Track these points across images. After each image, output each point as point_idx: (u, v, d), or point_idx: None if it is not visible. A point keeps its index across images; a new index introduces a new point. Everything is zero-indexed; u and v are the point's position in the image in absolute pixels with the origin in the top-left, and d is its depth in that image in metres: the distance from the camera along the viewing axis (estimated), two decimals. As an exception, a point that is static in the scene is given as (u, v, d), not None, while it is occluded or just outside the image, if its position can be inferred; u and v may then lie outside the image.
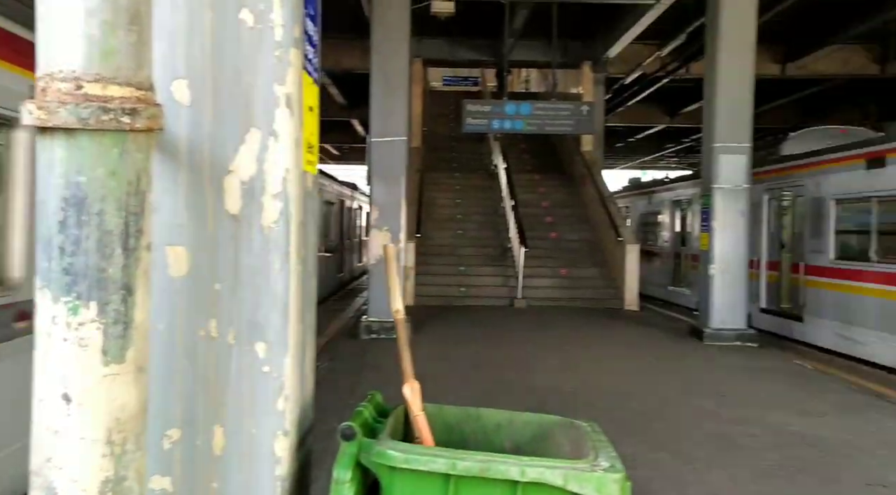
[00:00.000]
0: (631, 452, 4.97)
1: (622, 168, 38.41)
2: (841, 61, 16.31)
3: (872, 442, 5.38)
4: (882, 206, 9.32)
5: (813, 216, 10.69)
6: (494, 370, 7.81)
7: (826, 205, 10.33)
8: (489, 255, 15.02)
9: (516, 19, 14.52)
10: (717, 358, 8.84)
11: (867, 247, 9.57)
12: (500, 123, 13.55)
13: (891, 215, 9.25)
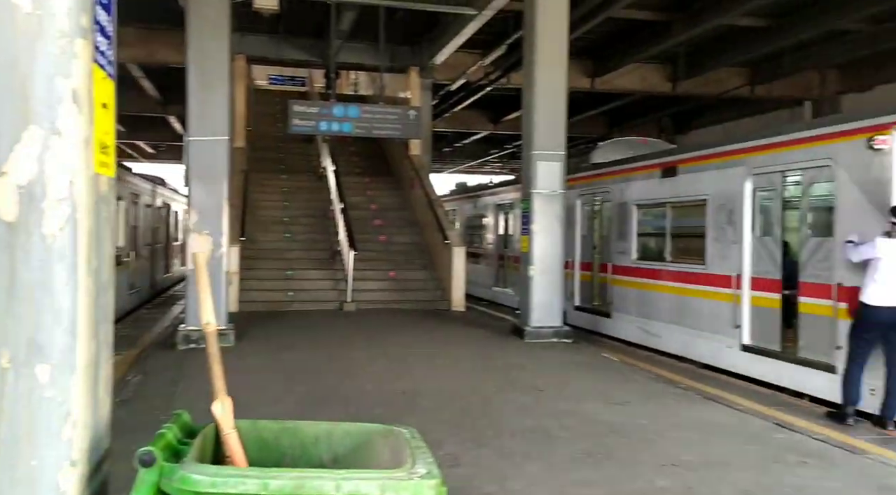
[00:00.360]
0: (455, 451, 5.09)
1: (450, 172, 39.47)
2: (640, 78, 17.90)
3: (667, 425, 5.93)
4: (675, 211, 10.26)
5: (618, 220, 11.60)
6: (321, 376, 7.68)
7: (629, 210, 11.25)
8: (318, 259, 14.77)
9: (343, 21, 14.42)
10: (536, 354, 9.32)
11: (663, 248, 10.56)
12: (328, 125, 13.38)
13: (682, 219, 10.25)
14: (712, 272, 9.10)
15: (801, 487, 4.50)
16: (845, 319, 6.65)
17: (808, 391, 7.33)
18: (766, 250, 8.17)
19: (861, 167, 6.77)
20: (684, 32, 14.30)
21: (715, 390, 7.32)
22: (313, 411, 6.11)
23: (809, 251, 7.50)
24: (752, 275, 8.32)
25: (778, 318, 7.89)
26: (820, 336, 7.21)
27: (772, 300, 7.98)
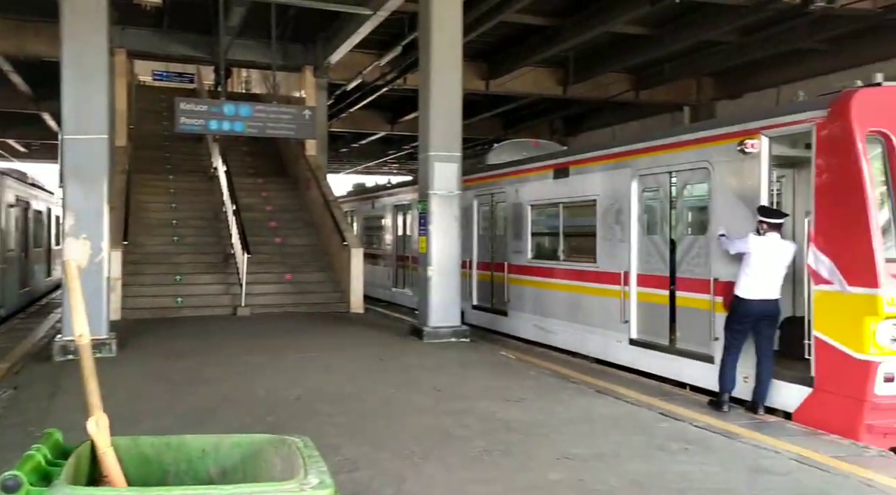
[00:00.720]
0: (353, 455, 5.04)
1: (347, 172, 39.10)
2: (533, 81, 18.37)
3: (561, 420, 6.11)
4: (567, 211, 10.52)
5: (514, 220, 11.83)
6: (212, 385, 7.40)
7: (524, 210, 11.50)
8: (209, 263, 14.24)
9: (232, 17, 13.98)
10: (434, 354, 9.38)
11: (556, 247, 10.88)
12: (219, 124, 12.92)
13: (574, 219, 10.52)
14: (602, 270, 9.37)
15: (684, 473, 4.75)
16: (722, 313, 6.98)
17: (690, 381, 7.67)
18: (652, 248, 8.48)
19: (733, 169, 7.18)
20: (573, 38, 14.81)
21: (606, 384, 7.61)
22: (202, 422, 5.87)
23: (687, 248, 7.85)
24: (638, 272, 8.64)
25: (665, 313, 8.15)
26: (699, 328, 7.57)
27: (659, 296, 8.28)
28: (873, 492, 4.44)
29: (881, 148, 5.99)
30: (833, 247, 6.10)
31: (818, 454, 5.18)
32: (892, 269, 5.76)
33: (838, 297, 6.01)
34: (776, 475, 4.74)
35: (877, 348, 5.74)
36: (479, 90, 18.42)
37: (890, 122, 6.01)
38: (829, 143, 6.16)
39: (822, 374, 6.16)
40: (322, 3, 13.16)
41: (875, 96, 6.18)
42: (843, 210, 6.07)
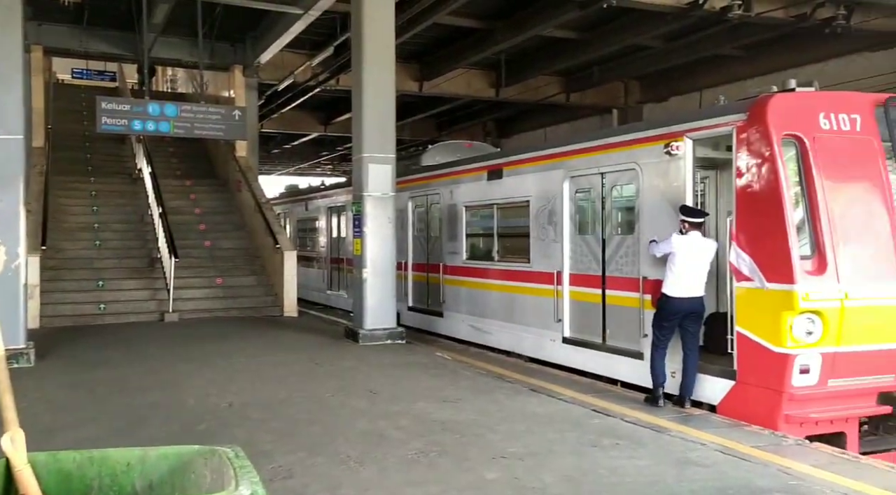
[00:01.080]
0: (287, 462, 4.96)
1: (279, 174, 38.47)
2: (466, 83, 18.52)
3: (496, 419, 6.17)
4: (501, 212, 10.61)
5: (449, 221, 11.88)
6: (139, 393, 7.15)
7: (459, 211, 11.55)
8: (134, 268, 13.76)
9: (156, 14, 13.54)
10: (370, 357, 9.32)
11: (491, 248, 10.97)
12: (143, 125, 12.46)
13: (508, 220, 10.58)
14: (536, 270, 9.48)
15: (615, 468, 4.87)
16: (650, 310, 7.20)
17: (620, 377, 7.87)
18: (584, 248, 8.63)
19: (659, 170, 7.41)
20: (505, 41, 14.99)
21: (540, 382, 7.72)
22: (128, 433, 5.67)
23: (617, 247, 8.05)
24: (571, 271, 8.79)
25: (598, 312, 8.29)
26: (629, 326, 7.76)
27: (591, 295, 8.41)
28: (790, 479, 4.65)
29: (795, 150, 6.26)
30: (753, 246, 6.33)
31: (741, 445, 5.39)
32: (806, 266, 6.04)
33: (758, 294, 6.25)
34: (702, 466, 4.91)
35: (793, 341, 5.99)
36: (412, 91, 18.43)
37: (803, 126, 6.28)
38: (748, 146, 6.41)
39: (743, 368, 6.41)
40: (251, 2, 12.90)
41: (789, 101, 6.47)
42: (761, 210, 6.30)
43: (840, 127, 6.35)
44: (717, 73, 16.60)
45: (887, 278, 6.19)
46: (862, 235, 6.30)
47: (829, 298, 5.98)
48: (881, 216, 6.32)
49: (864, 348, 6.13)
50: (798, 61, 14.81)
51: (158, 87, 26.92)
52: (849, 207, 6.26)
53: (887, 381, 6.28)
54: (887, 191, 6.34)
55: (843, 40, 13.17)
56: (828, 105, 6.45)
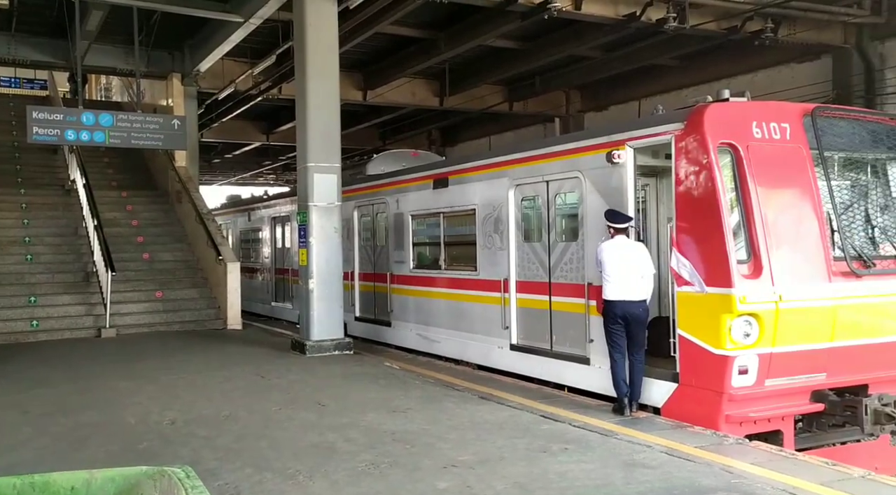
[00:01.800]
0: (234, 479, 4.85)
1: (221, 184, 37.71)
2: (410, 92, 18.55)
3: (446, 428, 6.17)
4: (448, 221, 10.61)
5: (395, 230, 11.83)
6: (77, 413, 6.89)
7: (405, 220, 11.52)
8: (68, 282, 13.27)
9: (90, 20, 13.13)
10: (317, 369, 9.20)
11: (438, 256, 10.97)
12: (77, 135, 12.06)
13: (454, 228, 10.54)
14: (483, 278, 9.53)
15: (564, 472, 4.93)
16: (596, 315, 7.35)
17: (568, 383, 7.99)
18: (531, 255, 8.70)
19: (602, 178, 7.56)
20: (449, 50, 15.08)
21: (489, 390, 7.76)
22: (66, 455, 5.45)
23: (561, 254, 8.18)
24: (518, 279, 8.87)
25: (545, 318, 8.39)
26: (575, 332, 7.90)
27: (538, 302, 8.52)
28: (732, 478, 4.79)
29: (730, 157, 6.49)
30: (692, 251, 6.53)
31: (685, 445, 5.53)
32: (743, 270, 6.24)
33: (698, 298, 6.44)
34: (649, 468, 5.01)
35: (732, 343, 6.19)
36: (356, 100, 18.36)
37: (737, 135, 6.50)
38: (686, 154, 6.62)
39: (685, 370, 6.60)
40: (189, 9, 12.63)
41: (724, 111, 6.69)
42: (699, 216, 6.49)
43: (771, 135, 6.59)
44: (655, 82, 17.07)
45: (818, 280, 6.42)
46: (793, 239, 6.52)
47: (765, 301, 6.19)
48: (811, 220, 6.56)
49: (798, 348, 6.35)
50: (730, 72, 15.36)
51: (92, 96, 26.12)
52: (781, 212, 6.49)
53: (820, 380, 6.53)
54: (816, 197, 6.61)
55: (772, 52, 13.74)
56: (760, 114, 6.69)
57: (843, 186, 7.08)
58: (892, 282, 6.75)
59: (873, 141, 7.24)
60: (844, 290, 6.46)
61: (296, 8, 10.64)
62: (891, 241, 7.03)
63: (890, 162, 7.38)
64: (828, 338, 6.43)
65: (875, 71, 12.98)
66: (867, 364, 6.63)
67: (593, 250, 7.39)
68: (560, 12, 11.38)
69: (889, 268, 6.79)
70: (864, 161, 7.27)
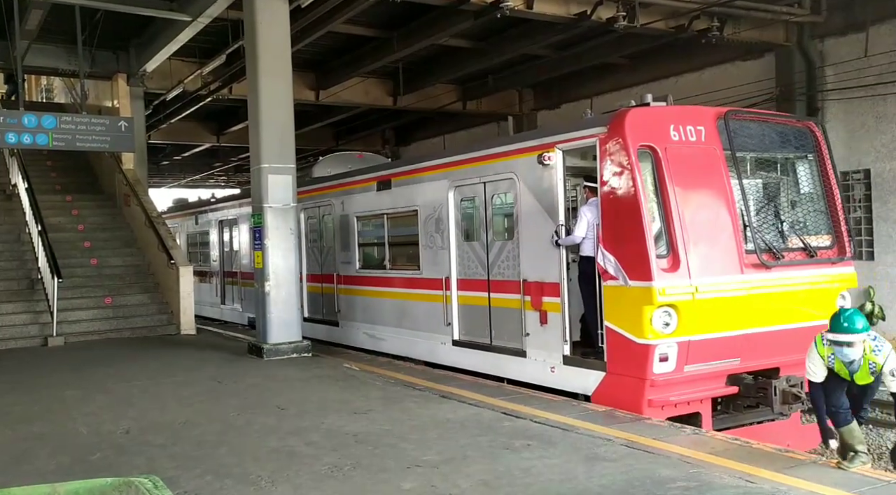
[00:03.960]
0: (193, 487, 4.75)
1: (170, 186, 36.89)
2: (363, 92, 18.43)
3: (408, 428, 6.15)
4: (392, 222, 10.78)
5: (341, 231, 11.87)
6: (23, 424, 6.66)
7: (350, 222, 11.57)
8: (12, 290, 12.82)
9: (29, 19, 12.66)
10: (276, 372, 9.07)
11: (383, 256, 11.11)
12: (18, 137, 11.63)
13: (398, 229, 10.74)
14: (426, 276, 9.76)
15: (528, 468, 4.96)
16: (531, 310, 7.81)
17: (507, 375, 8.28)
18: (471, 254, 8.97)
19: (534, 179, 7.88)
20: (402, 50, 15.02)
21: (450, 388, 7.77)
22: (12, 468, 5.26)
23: (499, 252, 8.46)
24: (459, 277, 9.13)
25: (485, 314, 8.68)
26: (512, 326, 8.19)
27: (478, 298, 8.81)
28: (690, 467, 4.90)
29: (650, 159, 6.85)
30: (616, 247, 6.91)
31: (644, 438, 5.63)
32: (662, 264, 6.64)
33: (622, 291, 6.85)
34: (610, 461, 5.09)
35: (653, 333, 6.58)
36: (309, 100, 18.15)
37: (657, 137, 6.88)
38: (609, 156, 6.99)
39: (612, 359, 6.99)
40: (134, 8, 12.30)
41: (644, 115, 7.07)
42: (622, 214, 6.88)
43: (688, 137, 7.02)
44: (605, 80, 17.32)
45: (731, 272, 6.91)
46: (709, 235, 6.97)
47: (683, 293, 6.62)
48: (725, 217, 7.02)
49: (714, 336, 6.79)
50: (678, 70, 15.68)
51: (32, 97, 25.22)
52: (697, 210, 6.93)
53: (734, 364, 7.01)
54: (729, 195, 7.06)
55: (718, 50, 14.07)
56: (677, 118, 7.07)
57: (754, 184, 7.64)
58: (799, 272, 7.32)
59: (782, 141, 7.79)
60: (755, 281, 6.97)
61: (246, 7, 10.47)
62: (798, 235, 7.58)
63: (798, 161, 7.95)
64: (741, 326, 6.90)
65: (816, 68, 13.40)
66: (778, 348, 7.08)
67: (528, 248, 7.91)
68: (512, 11, 11.44)
69: (796, 259, 7.37)
70: (774, 160, 7.85)
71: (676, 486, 4.50)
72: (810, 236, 7.62)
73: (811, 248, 7.48)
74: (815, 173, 7.89)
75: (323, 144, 25.40)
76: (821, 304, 7.23)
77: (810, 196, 7.90)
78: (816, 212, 7.83)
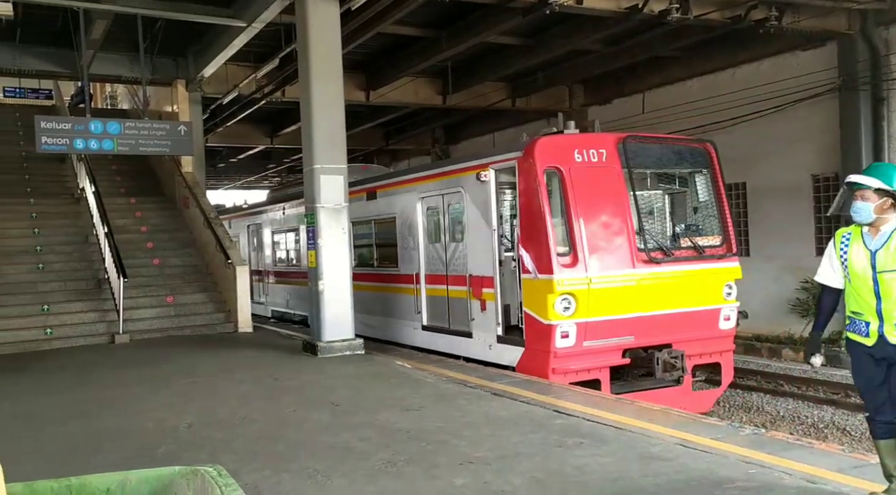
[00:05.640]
0: (253, 480, 4.89)
1: (226, 188, 37.85)
2: (413, 92, 18.55)
3: (460, 425, 6.19)
4: (378, 226, 12.73)
5: None
6: (93, 419, 6.95)
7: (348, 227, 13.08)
8: (81, 290, 13.36)
9: (94, 29, 13.19)
10: (330, 369, 9.25)
11: (371, 255, 13.15)
12: (86, 143, 12.12)
13: (383, 233, 12.55)
14: (402, 272, 11.65)
15: (580, 466, 4.95)
16: (475, 300, 9.68)
17: (460, 353, 9.92)
18: (434, 253, 10.77)
19: (475, 192, 9.58)
20: (450, 49, 15.08)
21: (501, 386, 7.79)
22: (84, 461, 5.51)
23: (453, 252, 10.28)
24: (426, 272, 10.96)
25: (444, 303, 10.43)
26: (462, 313, 9.98)
27: (439, 290, 10.62)
28: (750, 468, 4.80)
29: (557, 177, 8.54)
30: (530, 247, 8.59)
31: (700, 437, 5.54)
32: (563, 261, 8.29)
33: (533, 283, 8.53)
34: (664, 460, 5.03)
35: (555, 316, 8.23)
36: (359, 101, 18.37)
37: (562, 160, 8.56)
38: (523, 174, 8.71)
39: (528, 337, 8.69)
40: (192, 16, 12.69)
41: (553, 142, 8.82)
42: (533, 220, 8.56)
43: (590, 159, 8.70)
44: (657, 74, 17.04)
45: (622, 267, 8.51)
46: (606, 237, 8.61)
47: (579, 284, 8.29)
48: (621, 221, 8.66)
49: (608, 318, 8.43)
50: (734, 61, 15.33)
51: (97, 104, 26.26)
52: (596, 217, 8.58)
53: (629, 341, 8.62)
54: (626, 204, 8.69)
55: (776, 40, 13.69)
56: (581, 143, 8.75)
57: (653, 195, 9.41)
58: (687, 266, 8.93)
59: (679, 160, 9.49)
60: (646, 274, 8.59)
61: (298, 11, 10.67)
62: (690, 236, 9.29)
63: (695, 175, 9.60)
64: (633, 310, 8.53)
65: (881, 56, 12.91)
66: (669, 329, 8.72)
67: (472, 247, 9.67)
68: (561, 7, 11.37)
69: (682, 256, 8.99)
70: (668, 175, 9.61)
71: (735, 487, 4.43)
72: (703, 237, 9.32)
73: (699, 247, 9.14)
74: (710, 185, 9.50)
75: (373, 144, 25.69)
76: (708, 293, 8.97)
77: (705, 204, 9.54)
78: (709, 216, 9.51)
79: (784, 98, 14.00)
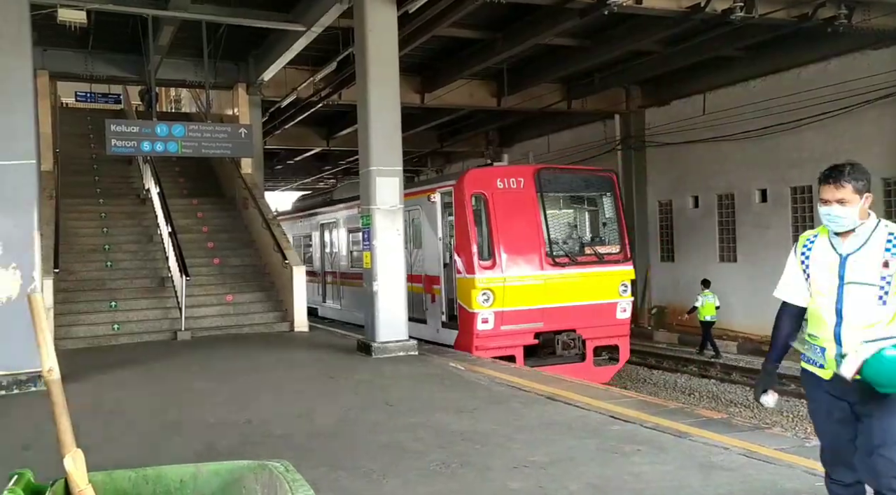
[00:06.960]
0: (311, 477, 4.91)
1: (283, 190, 38.58)
2: (468, 94, 18.57)
3: (515, 428, 6.17)
4: None
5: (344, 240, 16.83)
6: (159, 413, 7.19)
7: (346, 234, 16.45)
8: (145, 287, 13.82)
9: (161, 36, 13.66)
10: (384, 370, 9.33)
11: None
12: (152, 146, 12.56)
13: None
14: None
15: (638, 474, 4.87)
16: (428, 294, 12.12)
17: (418, 336, 11.19)
18: (411, 256, 12.38)
19: (427, 210, 12.19)
20: (506, 51, 15.05)
21: (555, 390, 7.73)
22: (159, 451, 5.70)
23: (415, 256, 12.56)
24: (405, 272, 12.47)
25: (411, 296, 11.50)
26: (420, 304, 12.21)
27: (414, 287, 12.15)
28: (816, 480, 4.63)
29: (482, 201, 11.17)
30: (460, 253, 11.20)
31: (764, 447, 5.38)
32: (485, 264, 10.93)
33: (464, 281, 11.12)
34: (727, 470, 4.90)
35: (477, 306, 10.83)
36: (414, 103, 18.48)
37: (486, 187, 11.17)
38: (456, 198, 11.41)
39: (460, 322, 11.21)
40: (254, 21, 13.01)
41: (480, 173, 11.61)
42: (462, 233, 11.21)
43: (510, 186, 11.27)
44: (719, 74, 16.66)
45: (533, 269, 11.06)
46: (521, 246, 11.11)
47: (496, 281, 10.87)
48: (534, 235, 11.20)
49: (519, 308, 10.98)
50: (800, 61, 14.87)
51: (162, 108, 27.12)
52: (512, 230, 11.06)
53: (539, 326, 11.13)
54: (538, 221, 11.26)
55: (845, 39, 13.20)
56: (504, 174, 11.44)
57: (565, 214, 12.08)
58: (588, 269, 11.47)
59: (586, 186, 12.21)
60: (552, 275, 11.14)
61: (356, 15, 10.82)
62: (588, 245, 11.89)
63: (599, 198, 12.23)
64: (542, 302, 11.07)
65: (957, 55, 12.35)
66: (573, 317, 11.24)
67: (426, 252, 12.28)
68: (620, 7, 11.23)
69: (585, 261, 11.54)
70: (575, 198, 12.26)
71: (799, 499, 4.30)
72: (605, 246, 11.95)
73: (599, 254, 11.67)
74: (613, 206, 12.15)
75: (428, 146, 25.80)
76: (606, 290, 11.49)
77: (609, 220, 12.19)
78: (611, 230, 12.16)
79: (853, 98, 13.50)
